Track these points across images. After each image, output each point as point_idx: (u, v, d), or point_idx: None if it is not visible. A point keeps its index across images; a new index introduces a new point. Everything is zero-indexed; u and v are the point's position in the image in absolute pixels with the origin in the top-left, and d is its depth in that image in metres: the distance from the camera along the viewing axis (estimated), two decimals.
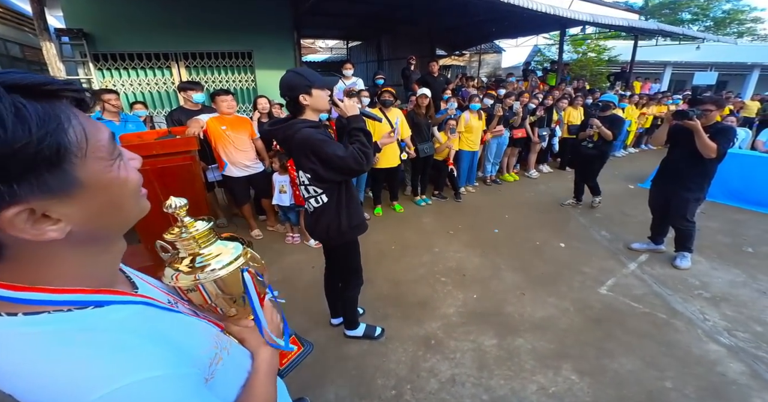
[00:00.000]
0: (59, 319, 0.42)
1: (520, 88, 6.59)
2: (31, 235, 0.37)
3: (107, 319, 0.44)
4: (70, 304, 0.43)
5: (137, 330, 0.45)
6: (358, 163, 1.63)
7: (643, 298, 2.76)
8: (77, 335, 0.41)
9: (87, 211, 0.41)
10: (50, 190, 0.36)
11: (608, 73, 11.84)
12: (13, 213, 0.35)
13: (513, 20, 7.19)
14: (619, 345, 2.28)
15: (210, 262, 0.61)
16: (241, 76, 5.67)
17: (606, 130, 4.02)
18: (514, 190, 5.33)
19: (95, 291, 0.46)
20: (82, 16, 4.88)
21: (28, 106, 0.34)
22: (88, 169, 0.39)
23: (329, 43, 14.96)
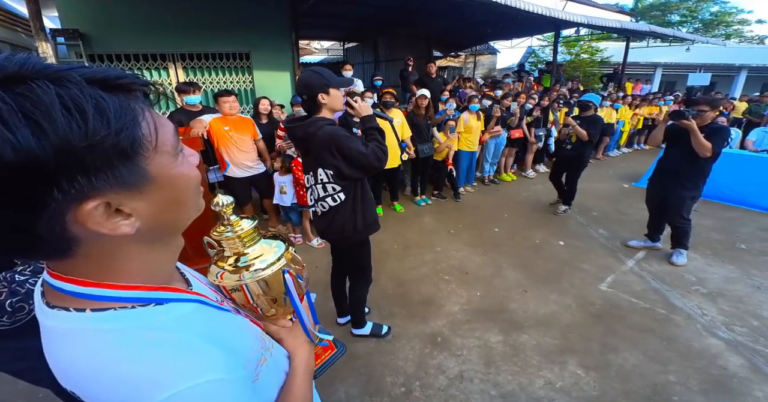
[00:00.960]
0: (125, 316, 0.42)
1: (516, 89, 6.66)
2: (108, 229, 0.37)
3: (168, 317, 0.45)
4: (134, 301, 0.43)
5: (196, 329, 0.45)
6: (379, 160, 1.71)
7: (642, 294, 2.82)
8: (143, 334, 0.41)
9: (154, 207, 0.41)
10: (125, 184, 0.37)
11: (601, 74, 12.02)
12: (93, 206, 0.35)
13: (508, 22, 7.27)
14: (622, 340, 2.32)
15: (254, 262, 0.61)
16: (239, 77, 5.65)
17: (580, 130, 3.88)
18: (512, 190, 5.39)
19: (157, 288, 0.46)
20: (78, 17, 4.83)
21: (107, 99, 0.34)
22: (157, 164, 0.39)
23: (324, 44, 14.91)
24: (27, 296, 0.88)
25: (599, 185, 5.65)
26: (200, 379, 0.39)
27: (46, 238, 0.35)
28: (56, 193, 0.32)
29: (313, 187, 1.84)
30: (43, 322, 0.43)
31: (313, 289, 2.66)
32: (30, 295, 0.89)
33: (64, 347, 0.41)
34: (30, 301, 0.88)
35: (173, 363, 0.40)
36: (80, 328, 0.41)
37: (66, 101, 0.31)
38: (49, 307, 0.43)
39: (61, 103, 0.31)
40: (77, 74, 0.33)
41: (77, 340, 0.40)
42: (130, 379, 0.38)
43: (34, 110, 0.30)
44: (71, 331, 0.41)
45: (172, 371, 0.39)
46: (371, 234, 1.99)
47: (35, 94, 0.30)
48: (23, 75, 0.31)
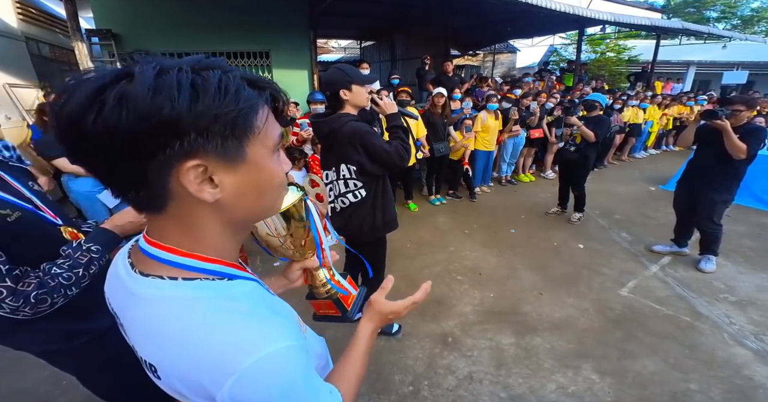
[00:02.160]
0: (210, 286, 0.47)
1: (536, 88, 6.51)
2: (194, 189, 0.41)
3: (239, 291, 0.49)
4: (214, 273, 0.48)
5: (261, 303, 0.49)
6: (401, 158, 1.72)
7: (665, 300, 2.70)
8: (226, 304, 0.45)
9: (239, 186, 0.45)
10: (226, 155, 0.42)
11: (628, 73, 11.58)
12: (194, 164, 0.40)
13: (529, 20, 7.09)
14: (641, 346, 2.24)
15: None
16: (259, 75, 5.76)
17: (586, 130, 3.67)
18: (529, 191, 5.27)
19: (229, 264, 0.51)
20: (110, 17, 5.04)
21: (245, 89, 0.42)
22: (256, 150, 0.45)
23: (342, 43, 14.98)
24: (53, 290, 0.92)
25: (623, 187, 5.46)
26: (277, 344, 0.43)
27: (151, 182, 0.41)
28: (176, 145, 0.38)
29: (335, 183, 1.86)
30: (133, 290, 0.47)
31: None
32: (57, 289, 0.92)
33: (159, 314, 0.44)
34: (54, 295, 0.92)
35: (254, 330, 0.43)
36: (174, 295, 0.45)
37: (222, 83, 0.40)
38: (143, 275, 0.47)
39: (218, 83, 0.39)
40: (238, 72, 0.43)
41: (174, 306, 0.44)
42: (221, 345, 0.41)
43: (200, 84, 0.39)
44: (164, 298, 0.45)
45: (254, 338, 0.42)
46: (389, 232, 1.99)
47: (207, 75, 0.39)
48: (209, 65, 0.41)
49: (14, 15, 6.17)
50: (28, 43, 6.46)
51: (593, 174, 6.03)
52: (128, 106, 0.35)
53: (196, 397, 0.44)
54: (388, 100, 1.85)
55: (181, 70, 0.39)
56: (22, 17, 6.27)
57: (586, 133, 3.68)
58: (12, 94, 5.70)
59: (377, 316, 0.76)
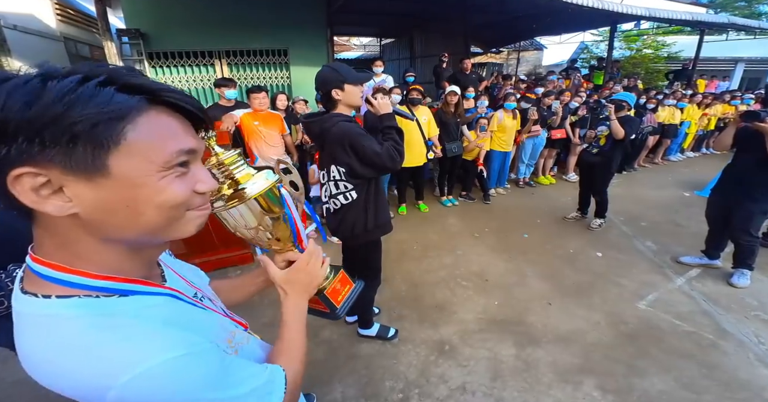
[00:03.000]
0: (88, 304, 0.43)
1: (560, 87, 6.22)
2: (30, 200, 0.38)
3: (131, 307, 0.46)
4: (99, 290, 0.45)
5: (157, 317, 0.47)
6: (392, 161, 1.66)
7: (688, 316, 2.51)
8: (102, 321, 0.43)
9: (104, 201, 0.41)
10: (74, 166, 0.38)
11: (667, 70, 10.90)
12: (22, 172, 0.37)
13: (556, 16, 6.80)
14: (653, 363, 2.09)
15: (247, 184, 0.66)
16: (277, 72, 5.84)
17: (619, 126, 3.41)
18: (549, 194, 5.04)
19: (124, 280, 0.48)
20: (139, 17, 5.24)
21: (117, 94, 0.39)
22: (126, 163, 0.40)
23: (363, 41, 15.05)
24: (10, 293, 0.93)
25: (654, 192, 5.12)
26: (159, 358, 0.41)
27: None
28: (3, 151, 0.36)
29: (327, 184, 1.82)
30: (14, 307, 0.45)
31: None
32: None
33: (30, 333, 0.43)
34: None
35: (132, 346, 0.41)
36: (44, 313, 0.43)
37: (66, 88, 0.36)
38: (22, 292, 0.45)
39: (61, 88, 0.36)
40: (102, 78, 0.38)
41: (42, 325, 0.42)
42: (91, 363, 0.40)
43: (39, 89, 0.36)
44: (35, 317, 0.43)
45: (130, 354, 0.40)
46: (382, 235, 1.94)
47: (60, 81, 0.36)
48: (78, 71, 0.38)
49: (53, 16, 6.55)
50: (66, 43, 6.85)
51: (621, 177, 5.72)
52: None
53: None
54: (382, 99, 1.80)
55: (28, 79, 0.36)
56: (60, 18, 6.65)
57: (618, 128, 3.42)
58: None
59: (287, 287, 0.73)
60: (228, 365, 0.50)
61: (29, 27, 5.86)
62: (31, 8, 5.99)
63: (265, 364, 0.59)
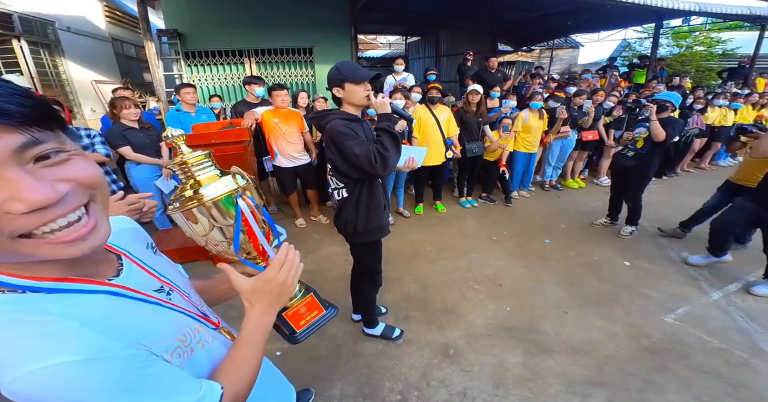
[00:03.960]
0: (8, 300, 0.44)
1: (594, 86, 5.90)
2: None
3: (54, 304, 0.45)
4: (25, 288, 0.45)
5: (80, 316, 0.45)
6: (371, 165, 1.56)
7: (720, 332, 2.32)
8: (17, 316, 0.42)
9: None
10: None
11: (720, 68, 10.09)
12: None
13: (594, 12, 6.45)
14: (673, 379, 1.95)
15: (207, 189, 0.64)
16: (303, 71, 5.96)
17: (659, 127, 3.14)
18: (576, 198, 4.80)
19: (54, 279, 0.47)
20: (177, 18, 5.52)
21: None
22: None
23: (390, 39, 15.02)
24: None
25: (695, 200, 4.67)
26: (52, 360, 0.40)
27: None
28: None
29: (329, 176, 1.85)
30: None
31: (338, 282, 2.67)
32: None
33: None
34: None
35: (31, 344, 0.40)
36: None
37: None
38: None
39: None
40: None
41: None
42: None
43: None
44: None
45: (28, 352, 0.40)
46: (374, 239, 1.91)
47: None
48: None
49: (103, 18, 7.02)
50: (114, 44, 7.33)
51: (660, 183, 5.36)
52: None
53: None
54: (381, 99, 1.72)
55: None
56: (109, 20, 7.12)
57: (658, 130, 3.16)
58: (98, 90, 6.51)
59: (253, 297, 0.68)
60: (150, 375, 0.47)
61: (81, 29, 6.31)
62: (83, 10, 6.45)
63: (202, 381, 0.55)
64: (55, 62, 5.79)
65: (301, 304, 0.79)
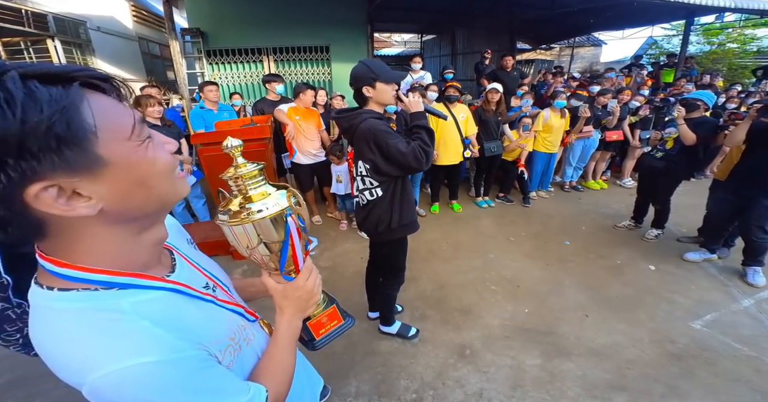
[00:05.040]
0: (85, 297, 0.45)
1: (619, 84, 5.72)
2: (61, 210, 0.39)
3: (128, 301, 0.47)
4: (98, 283, 0.46)
5: (150, 314, 0.47)
6: (418, 161, 1.61)
7: (751, 339, 2.22)
8: (95, 315, 0.44)
9: (116, 189, 0.43)
10: (74, 168, 0.38)
11: (755, 66, 9.64)
12: (38, 189, 0.37)
13: (620, 10, 6.23)
14: (699, 386, 1.89)
15: (257, 205, 0.64)
16: (319, 68, 6.01)
17: (688, 130, 3.03)
18: (598, 200, 4.66)
19: (123, 273, 0.48)
20: (199, 17, 5.64)
21: (40, 89, 0.36)
22: (112, 149, 0.41)
23: (404, 37, 14.93)
24: None
25: None
26: (134, 360, 0.42)
27: (7, 218, 0.38)
28: (2, 178, 0.35)
29: (356, 178, 1.84)
30: (30, 296, 0.49)
31: (354, 279, 2.69)
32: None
33: (35, 322, 0.46)
34: None
35: (112, 344, 0.42)
36: (46, 305, 0.45)
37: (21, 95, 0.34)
38: (34, 282, 0.48)
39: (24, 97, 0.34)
40: (16, 71, 0.36)
41: (41, 316, 0.45)
42: (72, 357, 0.42)
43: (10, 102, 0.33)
44: (39, 308, 0.46)
45: (108, 352, 0.42)
46: (407, 235, 1.91)
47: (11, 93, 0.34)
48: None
49: (130, 18, 7.25)
50: (140, 43, 7.57)
51: (688, 184, 5.15)
52: None
53: None
54: (414, 97, 1.77)
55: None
56: (136, 19, 7.36)
57: (687, 133, 3.04)
58: None
59: (284, 302, 0.70)
60: (210, 376, 0.49)
61: (110, 28, 6.54)
62: (111, 11, 6.68)
63: (248, 383, 0.57)
64: (86, 61, 6.01)
65: (324, 314, 0.82)
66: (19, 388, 1.94)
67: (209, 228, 3.50)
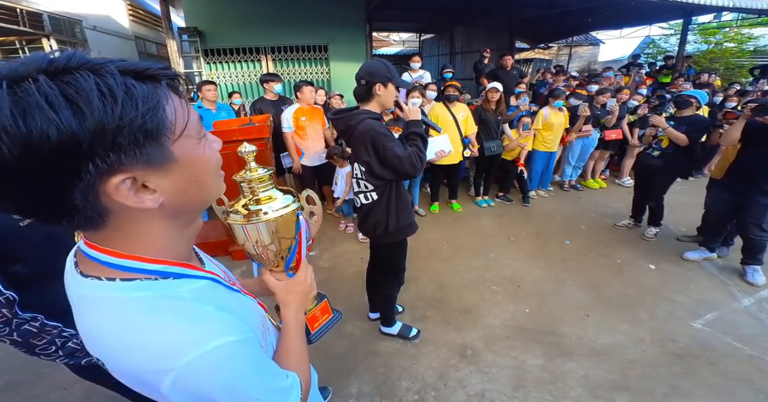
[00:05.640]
0: (150, 286, 0.46)
1: (618, 84, 5.72)
2: (133, 202, 0.41)
3: (186, 289, 0.49)
4: (156, 273, 0.48)
5: (209, 301, 0.49)
6: (413, 167, 1.63)
7: (752, 339, 2.23)
8: (166, 303, 0.46)
9: (177, 184, 0.45)
10: (151, 162, 0.41)
11: (752, 65, 9.67)
12: (120, 179, 0.39)
13: (617, 9, 6.23)
14: (701, 385, 1.89)
15: (267, 204, 0.69)
16: (318, 68, 5.98)
17: (675, 132, 3.08)
18: (597, 199, 4.66)
19: (176, 263, 0.50)
20: (197, 16, 5.60)
21: (137, 87, 0.38)
22: (181, 145, 0.43)
23: (402, 36, 14.91)
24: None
25: None
26: (219, 341, 0.43)
27: (80, 207, 0.39)
28: (90, 168, 0.36)
29: (353, 180, 1.83)
30: (75, 291, 0.48)
31: (354, 280, 2.67)
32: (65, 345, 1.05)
33: (95, 315, 0.45)
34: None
35: (194, 328, 0.44)
36: (111, 296, 0.45)
37: (102, 88, 0.35)
38: (83, 276, 0.47)
39: (98, 90, 0.35)
40: (113, 66, 0.37)
41: (108, 307, 0.45)
42: (156, 344, 0.42)
43: (76, 95, 0.34)
44: (102, 299, 0.45)
45: (193, 336, 0.43)
46: (405, 237, 1.91)
47: (78, 82, 0.35)
48: (69, 67, 0.35)
49: (127, 17, 7.20)
50: (137, 42, 7.52)
51: (686, 184, 5.17)
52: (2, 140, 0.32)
53: (144, 389, 0.44)
54: (413, 105, 1.79)
55: (36, 80, 0.33)
56: (132, 18, 7.31)
57: (675, 135, 3.10)
58: None
59: (289, 297, 0.74)
60: (265, 360, 0.53)
61: (106, 27, 6.49)
62: (108, 10, 6.63)
63: (285, 371, 0.59)
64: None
65: (317, 308, 0.88)
66: (16, 391, 1.91)
67: (209, 228, 3.48)
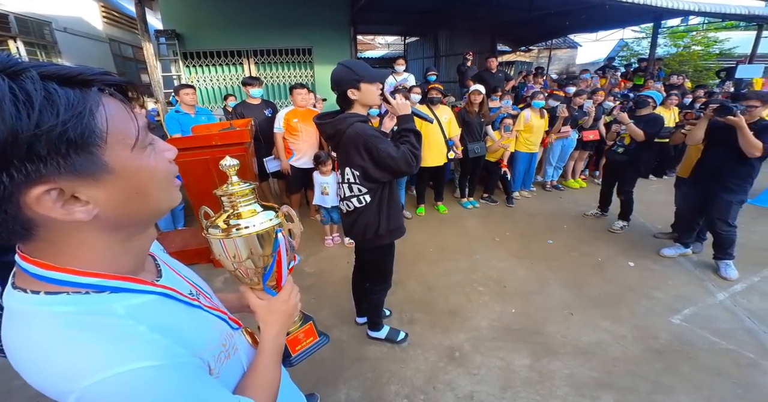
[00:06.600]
0: (76, 301, 0.43)
1: (594, 85, 5.89)
2: (59, 214, 0.38)
3: (122, 304, 0.45)
4: (89, 287, 0.44)
5: (145, 319, 0.46)
6: (409, 165, 1.60)
7: (728, 333, 2.30)
8: (87, 319, 0.42)
9: (115, 196, 0.42)
10: (78, 172, 0.38)
11: (718, 68, 10.13)
12: (40, 191, 0.36)
13: (592, 13, 6.43)
14: (682, 381, 1.94)
15: (248, 220, 0.66)
16: (302, 71, 5.94)
17: (635, 128, 3.32)
18: (578, 198, 4.78)
19: (116, 277, 0.47)
20: (175, 18, 5.47)
21: (59, 92, 0.35)
22: (116, 155, 0.40)
23: (388, 39, 15.01)
24: None
25: None
26: (130, 365, 0.39)
27: (0, 220, 0.37)
28: (4, 178, 0.34)
29: (340, 186, 1.79)
30: (5, 301, 0.45)
31: (340, 285, 2.64)
32: None
33: (16, 328, 0.42)
34: None
35: (108, 349, 0.40)
36: (31, 309, 0.42)
37: (17, 93, 0.33)
38: (12, 287, 0.45)
39: (12, 95, 0.33)
40: (35, 70, 0.35)
41: (25, 321, 0.42)
42: (63, 363, 0.39)
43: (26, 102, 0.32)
44: (23, 313, 0.42)
45: (103, 357, 0.39)
46: (394, 240, 1.89)
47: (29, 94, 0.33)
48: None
49: (100, 19, 6.97)
50: (111, 44, 7.29)
51: (662, 182, 5.36)
52: None
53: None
54: (401, 100, 1.73)
55: None
56: (106, 20, 7.08)
57: (634, 131, 3.35)
58: None
59: (269, 317, 0.71)
60: (202, 387, 0.47)
61: (78, 29, 6.26)
62: (79, 11, 6.40)
63: (238, 397, 0.55)
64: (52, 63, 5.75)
65: (300, 330, 0.85)
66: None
67: (188, 235, 3.39)
